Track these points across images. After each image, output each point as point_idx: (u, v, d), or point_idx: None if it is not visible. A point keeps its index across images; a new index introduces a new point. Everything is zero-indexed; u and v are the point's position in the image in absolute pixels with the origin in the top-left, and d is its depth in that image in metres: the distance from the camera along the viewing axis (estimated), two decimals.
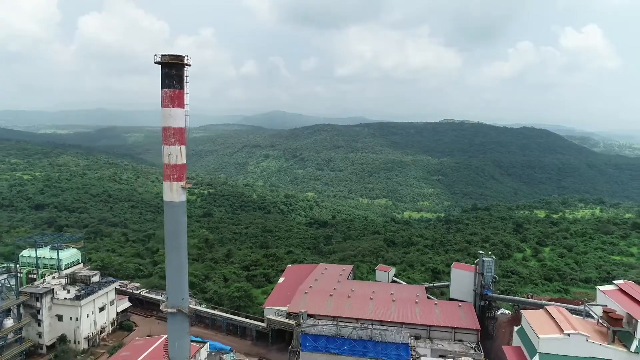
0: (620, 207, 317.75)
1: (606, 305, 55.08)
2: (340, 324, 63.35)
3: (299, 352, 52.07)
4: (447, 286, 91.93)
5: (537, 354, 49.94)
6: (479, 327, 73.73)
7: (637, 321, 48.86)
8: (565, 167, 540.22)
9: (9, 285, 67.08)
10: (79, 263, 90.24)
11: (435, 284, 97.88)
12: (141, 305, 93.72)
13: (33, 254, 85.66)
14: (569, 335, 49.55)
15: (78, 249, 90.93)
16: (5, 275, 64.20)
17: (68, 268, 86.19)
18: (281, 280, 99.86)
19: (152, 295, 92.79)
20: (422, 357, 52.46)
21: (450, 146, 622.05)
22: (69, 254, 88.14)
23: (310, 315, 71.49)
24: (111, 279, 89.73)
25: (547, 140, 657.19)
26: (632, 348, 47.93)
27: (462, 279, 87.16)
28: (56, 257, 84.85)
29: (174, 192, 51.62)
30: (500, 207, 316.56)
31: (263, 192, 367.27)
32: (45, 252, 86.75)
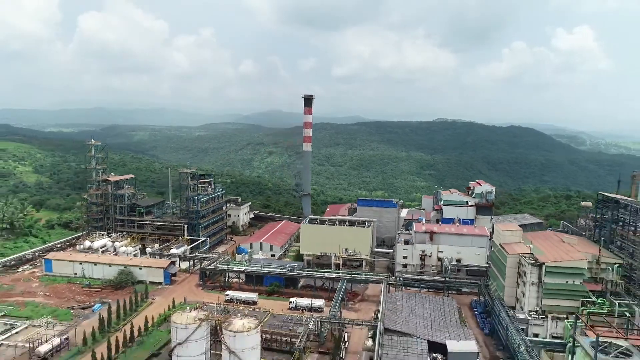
0: (582, 193, 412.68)
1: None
2: None
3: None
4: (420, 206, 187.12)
5: (441, 201, 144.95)
6: (429, 219, 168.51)
7: (474, 188, 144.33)
8: (549, 163, 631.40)
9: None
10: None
11: (415, 208, 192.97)
12: (254, 219, 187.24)
13: None
14: (452, 193, 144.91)
15: (221, 187, 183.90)
16: (219, 190, 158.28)
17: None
18: (328, 209, 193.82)
19: (263, 214, 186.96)
20: (402, 211, 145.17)
21: (443, 144, 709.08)
22: (219, 189, 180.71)
23: None
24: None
25: (534, 138, 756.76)
26: (472, 196, 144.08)
27: (427, 202, 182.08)
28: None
29: (307, 147, 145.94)
30: None
31: (276, 182, 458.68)
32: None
